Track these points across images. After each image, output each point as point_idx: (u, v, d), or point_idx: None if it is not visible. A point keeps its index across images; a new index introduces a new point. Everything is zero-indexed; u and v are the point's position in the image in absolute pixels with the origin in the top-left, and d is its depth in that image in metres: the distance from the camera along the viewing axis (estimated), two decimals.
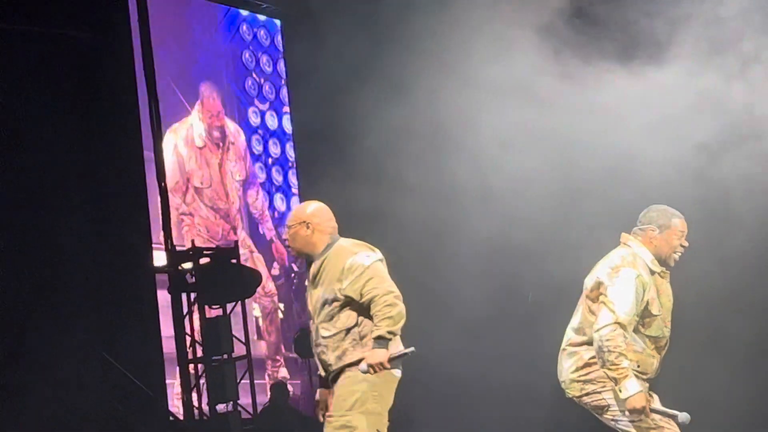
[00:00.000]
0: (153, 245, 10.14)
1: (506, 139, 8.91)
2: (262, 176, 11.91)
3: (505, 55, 8.80)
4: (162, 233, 10.07)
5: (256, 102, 11.96)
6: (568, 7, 8.97)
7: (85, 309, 9.36)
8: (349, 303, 5.53)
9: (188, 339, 10.02)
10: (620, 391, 5.32)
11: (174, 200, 10.76)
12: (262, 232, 11.76)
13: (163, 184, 9.88)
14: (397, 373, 5.58)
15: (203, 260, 10.03)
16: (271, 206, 11.99)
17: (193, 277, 10.02)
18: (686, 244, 5.62)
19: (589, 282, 5.63)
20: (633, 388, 5.30)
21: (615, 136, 8.48)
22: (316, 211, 5.73)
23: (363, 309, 5.51)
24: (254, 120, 11.91)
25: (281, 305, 12.16)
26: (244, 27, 11.86)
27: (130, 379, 9.37)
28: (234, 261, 10.18)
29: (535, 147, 8.83)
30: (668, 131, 8.32)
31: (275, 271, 12.17)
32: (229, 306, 10.15)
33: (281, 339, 11.99)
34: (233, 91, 11.74)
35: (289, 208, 12.11)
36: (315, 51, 10.95)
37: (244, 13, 11.89)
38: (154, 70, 9.91)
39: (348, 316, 5.53)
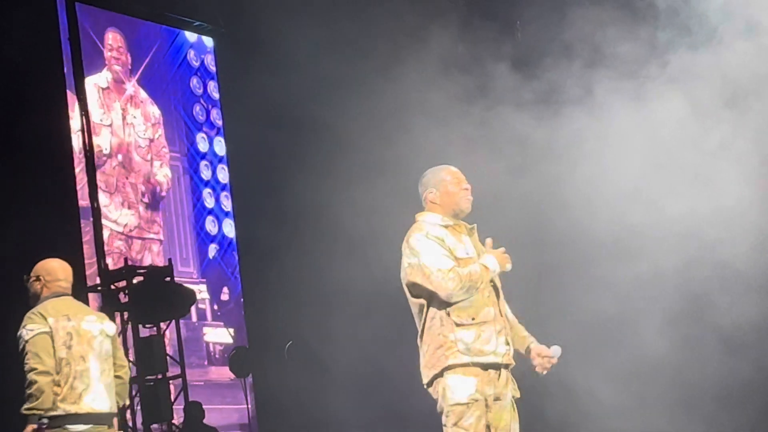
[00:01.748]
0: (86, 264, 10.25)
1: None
2: (210, 202, 11.99)
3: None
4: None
5: (204, 128, 12.06)
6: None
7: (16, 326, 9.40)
8: None
9: None
10: (494, 272, 5.35)
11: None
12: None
13: (95, 204, 10.00)
14: (76, 428, 5.74)
15: (136, 279, 10.13)
16: (220, 231, 12.06)
17: (127, 296, 10.13)
18: (468, 186, 5.62)
19: (402, 274, 5.61)
20: (491, 261, 5.34)
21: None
22: (51, 268, 5.97)
23: None
24: (203, 146, 12.01)
25: (231, 330, 12.22)
26: (192, 53, 11.99)
27: None
28: (167, 279, 10.27)
29: None
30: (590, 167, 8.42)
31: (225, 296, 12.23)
32: (163, 325, 10.26)
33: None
34: (182, 117, 11.86)
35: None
36: (244, 73, 11.12)
37: (191, 39, 12.02)
38: (87, 102, 10.07)
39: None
